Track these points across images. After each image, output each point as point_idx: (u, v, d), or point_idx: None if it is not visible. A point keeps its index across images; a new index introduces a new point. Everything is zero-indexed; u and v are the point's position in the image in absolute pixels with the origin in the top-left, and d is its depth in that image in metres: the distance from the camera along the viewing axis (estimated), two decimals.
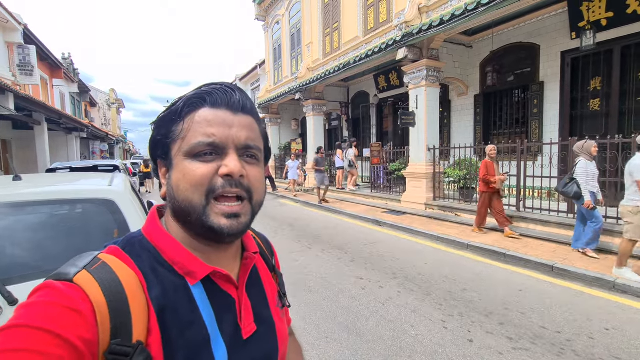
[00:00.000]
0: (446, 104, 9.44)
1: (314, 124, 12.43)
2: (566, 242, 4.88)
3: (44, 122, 10.59)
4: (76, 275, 0.42)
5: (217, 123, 0.49)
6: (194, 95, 0.51)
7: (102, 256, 0.46)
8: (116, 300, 0.42)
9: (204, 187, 0.48)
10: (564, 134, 6.91)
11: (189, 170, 0.49)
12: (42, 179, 2.05)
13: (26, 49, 11.16)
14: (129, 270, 0.46)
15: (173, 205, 0.51)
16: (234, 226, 0.49)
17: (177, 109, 0.51)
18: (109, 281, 0.43)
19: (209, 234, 0.50)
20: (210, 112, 0.50)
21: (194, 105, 0.50)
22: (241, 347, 0.52)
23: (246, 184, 0.51)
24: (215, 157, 0.49)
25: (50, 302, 0.39)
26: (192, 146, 0.49)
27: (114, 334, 0.41)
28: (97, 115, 27.83)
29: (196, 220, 0.49)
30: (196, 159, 0.49)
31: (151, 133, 0.54)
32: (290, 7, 14.67)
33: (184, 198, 0.49)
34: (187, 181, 0.48)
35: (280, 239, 6.04)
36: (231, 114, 0.51)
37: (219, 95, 0.51)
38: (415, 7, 7.66)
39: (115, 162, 6.83)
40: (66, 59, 18.05)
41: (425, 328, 2.88)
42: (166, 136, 0.51)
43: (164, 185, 0.54)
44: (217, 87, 0.52)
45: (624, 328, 2.83)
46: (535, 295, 3.49)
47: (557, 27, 6.98)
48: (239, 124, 0.51)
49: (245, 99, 0.53)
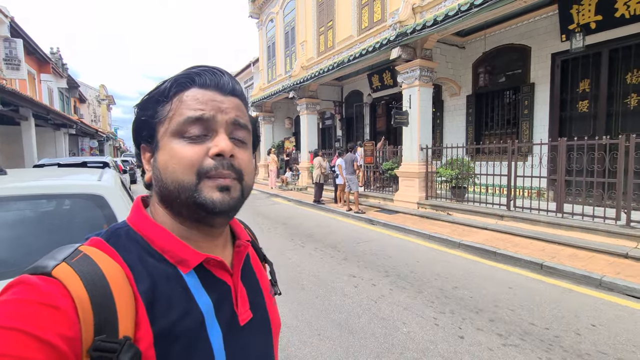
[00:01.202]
0: (439, 104, 9.52)
1: (307, 123, 12.41)
2: (555, 241, 4.96)
3: (31, 118, 10.36)
4: (55, 269, 0.39)
5: (205, 102, 0.48)
6: (183, 75, 0.50)
7: (83, 248, 0.43)
8: (99, 295, 0.39)
9: (194, 168, 0.47)
10: (553, 134, 7.02)
11: (178, 150, 0.47)
12: (28, 174, 2.00)
13: (13, 42, 10.88)
14: (113, 263, 0.43)
15: (160, 188, 0.49)
16: (225, 200, 0.48)
17: (165, 89, 0.49)
18: (91, 274, 0.40)
19: (200, 212, 0.48)
20: (199, 92, 0.49)
21: (182, 86, 0.49)
22: (238, 333, 0.51)
23: (237, 166, 0.49)
24: (205, 138, 0.48)
25: (24, 299, 0.36)
26: (180, 123, 0.47)
27: (98, 330, 0.38)
28: (86, 111, 27.35)
29: (186, 198, 0.47)
30: (185, 140, 0.47)
31: (135, 115, 0.52)
32: (285, 4, 14.60)
33: (173, 179, 0.47)
34: (177, 162, 0.47)
35: (273, 237, 6.01)
36: (220, 95, 0.50)
37: (208, 77, 0.50)
38: (409, 7, 7.70)
39: (105, 159, 6.72)
40: (54, 54, 17.67)
41: (417, 325, 2.89)
42: (152, 117, 0.50)
43: (147, 171, 0.52)
44: (206, 69, 0.51)
45: (610, 324, 2.89)
46: (524, 293, 3.54)
47: (547, 30, 7.09)
48: (229, 103, 0.50)
49: (235, 83, 0.52)
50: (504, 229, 5.68)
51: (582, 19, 6.30)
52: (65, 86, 18.94)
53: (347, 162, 7.90)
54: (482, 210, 6.44)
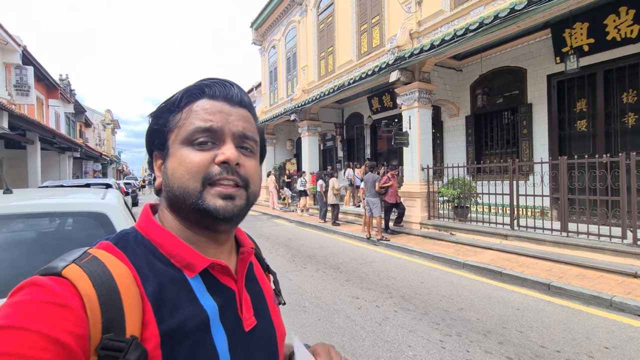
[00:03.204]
0: (438, 125, 9.65)
1: (309, 144, 12.55)
2: (561, 261, 4.88)
3: (37, 141, 10.54)
4: (65, 269, 0.40)
5: (214, 112, 0.50)
6: (193, 87, 0.52)
7: (92, 251, 0.45)
8: (107, 294, 0.40)
9: (200, 174, 0.48)
10: (553, 153, 7.06)
11: (185, 157, 0.49)
12: (33, 193, 2.02)
13: (24, 69, 11.26)
14: (121, 264, 0.44)
15: (168, 193, 0.51)
16: (229, 208, 0.49)
17: (176, 99, 0.52)
18: (100, 274, 0.41)
19: (204, 219, 0.49)
20: (208, 102, 0.51)
21: (193, 97, 0.51)
22: (243, 339, 0.51)
23: (242, 173, 0.51)
24: (212, 145, 0.50)
25: (34, 300, 0.37)
26: (189, 132, 0.49)
27: (105, 329, 0.39)
28: (91, 135, 27.82)
29: (191, 204, 0.48)
30: (193, 147, 0.49)
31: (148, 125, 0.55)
32: (287, 32, 15.17)
33: (179, 184, 0.49)
34: (184, 168, 0.49)
35: (275, 258, 5.94)
36: (229, 106, 0.52)
37: (217, 88, 0.52)
38: (406, 33, 7.98)
39: (108, 181, 6.76)
40: (63, 80, 18.22)
41: (423, 348, 2.80)
42: (164, 125, 0.52)
43: (158, 177, 0.53)
44: (216, 81, 0.53)
45: (624, 347, 2.79)
46: (533, 314, 3.44)
47: (542, 52, 7.30)
48: (237, 114, 0.52)
49: (243, 94, 0.54)
50: (509, 248, 5.60)
51: (574, 42, 6.50)
52: (72, 111, 19.38)
53: (368, 184, 7.20)
54: (486, 230, 6.38)
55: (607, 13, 6.02)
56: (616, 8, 5.91)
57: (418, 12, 8.18)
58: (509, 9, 5.22)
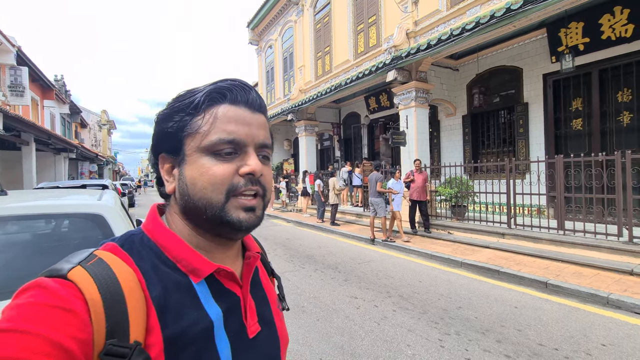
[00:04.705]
0: (435, 124, 9.67)
1: (306, 144, 12.55)
2: (558, 259, 4.91)
3: (32, 142, 10.45)
4: (70, 271, 0.40)
5: (237, 121, 0.49)
6: (214, 89, 0.50)
7: (98, 252, 0.44)
8: (112, 298, 0.40)
9: (224, 186, 0.47)
10: (549, 152, 7.11)
11: (208, 168, 0.47)
12: (28, 194, 2.00)
13: (18, 70, 11.16)
14: (126, 268, 0.43)
15: (185, 202, 0.49)
16: (251, 219, 0.49)
17: (197, 101, 0.49)
18: (105, 278, 0.41)
19: (224, 229, 0.49)
20: (230, 109, 0.49)
21: (215, 100, 0.49)
22: (246, 346, 0.50)
23: (263, 182, 0.51)
24: (234, 156, 0.49)
25: (38, 303, 0.36)
26: (213, 143, 0.48)
27: (109, 334, 0.38)
28: (87, 136, 27.63)
29: (212, 215, 0.48)
30: (215, 157, 0.48)
31: (156, 125, 0.52)
32: (283, 32, 15.15)
33: (202, 196, 0.47)
34: (207, 180, 0.47)
35: (273, 258, 5.92)
36: (250, 113, 0.51)
37: (238, 93, 0.50)
38: (403, 32, 7.99)
39: (104, 182, 6.73)
40: (58, 81, 18.09)
41: (422, 347, 2.80)
42: (180, 129, 0.49)
43: (169, 182, 0.51)
44: (236, 84, 0.51)
45: (621, 344, 2.81)
46: (531, 312, 3.45)
47: (538, 52, 7.33)
48: (257, 123, 0.51)
49: (261, 99, 0.53)
50: (506, 247, 5.62)
51: (570, 41, 6.54)
52: (68, 112, 19.23)
53: (372, 182, 6.97)
54: (483, 229, 6.40)
55: (602, 12, 6.06)
56: (611, 7, 5.95)
57: (414, 12, 8.20)
58: (505, 9, 5.24)
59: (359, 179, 10.44)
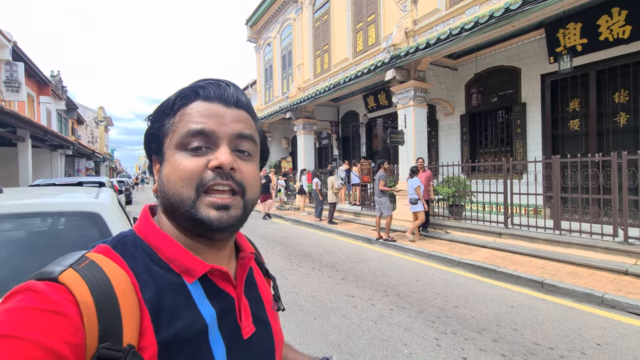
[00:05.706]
0: (434, 124, 9.69)
1: (304, 143, 12.53)
2: (554, 258, 4.94)
3: (28, 139, 10.37)
4: (61, 274, 0.39)
5: (208, 114, 0.48)
6: (187, 89, 0.50)
7: (90, 255, 0.43)
8: (105, 301, 0.39)
9: (193, 181, 0.47)
10: (547, 152, 7.13)
11: (179, 163, 0.47)
12: (24, 192, 1.98)
13: (14, 65, 11.05)
14: (119, 270, 0.43)
15: (163, 199, 0.49)
16: (224, 219, 0.47)
17: (170, 102, 0.50)
18: (98, 280, 0.40)
19: (199, 228, 0.48)
20: (202, 105, 0.49)
21: (187, 99, 0.50)
22: (241, 347, 0.50)
23: (238, 178, 0.49)
24: (206, 150, 0.48)
25: (29, 307, 0.35)
26: (182, 136, 0.48)
27: (102, 337, 0.38)
28: (84, 132, 27.45)
29: (184, 212, 0.47)
30: (187, 152, 0.48)
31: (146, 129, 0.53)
32: (282, 30, 15.09)
33: (174, 192, 0.47)
34: (177, 175, 0.47)
35: (271, 256, 5.92)
36: (224, 107, 0.50)
37: (212, 89, 0.50)
38: (402, 31, 7.98)
39: (101, 179, 6.68)
40: (55, 77, 17.94)
41: (419, 346, 2.82)
42: (159, 129, 0.50)
43: (156, 182, 0.52)
44: (211, 82, 0.51)
45: (615, 343, 2.84)
46: (526, 312, 3.48)
47: (536, 52, 7.35)
48: (232, 116, 0.50)
49: (240, 94, 0.52)
50: (503, 246, 5.65)
51: (568, 42, 6.56)
52: (64, 108, 19.07)
53: (375, 182, 6.84)
54: (480, 228, 6.43)
55: (600, 14, 6.08)
56: (609, 9, 5.97)
57: (414, 11, 8.18)
58: (504, 9, 5.25)
59: (357, 177, 10.45)
